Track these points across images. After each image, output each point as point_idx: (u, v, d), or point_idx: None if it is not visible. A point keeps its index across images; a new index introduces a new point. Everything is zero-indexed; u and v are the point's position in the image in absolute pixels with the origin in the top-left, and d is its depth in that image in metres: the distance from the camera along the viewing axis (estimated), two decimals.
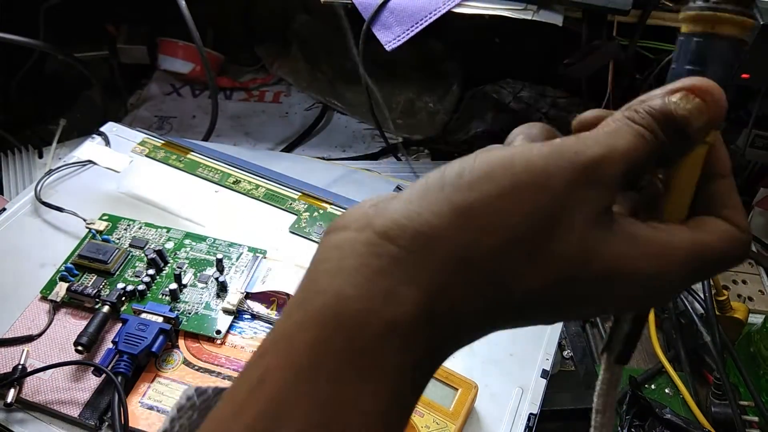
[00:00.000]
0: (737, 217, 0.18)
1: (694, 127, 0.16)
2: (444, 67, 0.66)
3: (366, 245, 0.15)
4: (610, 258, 0.16)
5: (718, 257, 0.17)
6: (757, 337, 0.45)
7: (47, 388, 0.37)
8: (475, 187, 0.15)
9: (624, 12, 0.48)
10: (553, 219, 0.15)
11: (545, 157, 0.15)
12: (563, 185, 0.15)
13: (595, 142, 0.16)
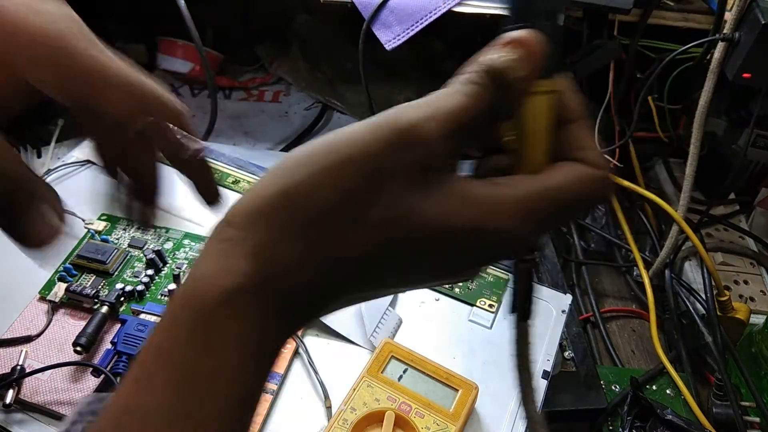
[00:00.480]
0: (589, 155, 0.18)
1: (515, 77, 0.17)
2: (444, 67, 0.66)
3: (216, 233, 0.17)
4: (432, 214, 0.16)
5: (570, 197, 0.18)
6: (758, 338, 0.45)
7: (46, 389, 0.37)
8: (300, 168, 0.16)
9: (625, 11, 0.48)
10: (372, 185, 0.16)
11: (368, 129, 0.17)
12: (380, 151, 0.16)
13: (419, 105, 0.17)
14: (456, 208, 0.17)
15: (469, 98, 0.17)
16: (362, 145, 0.16)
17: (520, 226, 0.17)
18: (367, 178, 0.16)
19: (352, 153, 0.16)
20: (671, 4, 0.52)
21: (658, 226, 0.57)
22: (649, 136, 0.55)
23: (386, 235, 0.16)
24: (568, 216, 0.19)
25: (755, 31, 0.41)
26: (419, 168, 0.16)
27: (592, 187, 0.18)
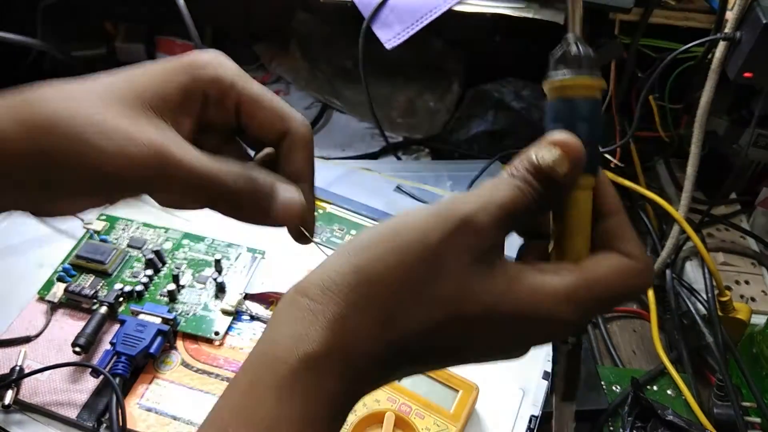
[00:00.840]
0: (629, 247, 0.20)
1: (559, 174, 0.19)
2: (444, 66, 0.66)
3: (290, 302, 0.19)
4: (487, 296, 0.19)
5: (613, 288, 0.19)
6: (759, 338, 0.45)
7: (45, 390, 0.37)
8: (371, 249, 0.19)
9: (626, 10, 0.48)
10: (432, 267, 0.18)
11: (426, 218, 0.19)
12: (438, 238, 0.18)
13: (472, 197, 0.19)
14: (505, 292, 0.19)
15: (518, 192, 0.19)
16: (424, 231, 0.19)
17: (565, 313, 0.19)
18: (427, 262, 0.18)
19: (415, 238, 0.19)
20: (672, 3, 0.51)
21: (659, 225, 0.57)
22: (650, 136, 0.55)
23: (444, 312, 0.18)
24: (611, 304, 0.20)
25: (756, 31, 0.41)
26: (473, 254, 0.19)
27: (634, 279, 0.20)
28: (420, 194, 0.52)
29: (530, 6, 0.50)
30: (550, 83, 0.20)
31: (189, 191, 0.21)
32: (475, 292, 0.19)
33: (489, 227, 0.19)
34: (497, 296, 0.19)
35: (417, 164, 0.61)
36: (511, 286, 0.19)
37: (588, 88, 0.20)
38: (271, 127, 0.24)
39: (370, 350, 0.18)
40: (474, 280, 0.18)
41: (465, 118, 0.63)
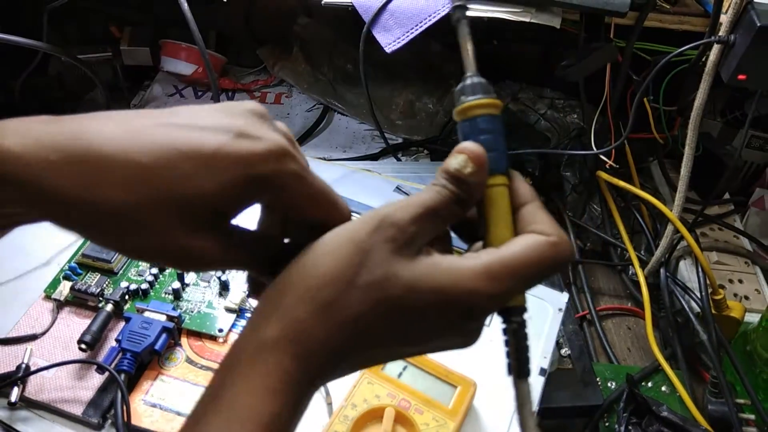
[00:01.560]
0: (542, 227, 0.22)
1: (465, 174, 0.22)
2: (443, 69, 0.67)
3: (255, 303, 0.23)
4: (408, 276, 0.21)
5: (528, 261, 0.22)
6: (753, 336, 0.46)
7: (51, 387, 0.37)
8: (314, 251, 0.22)
9: (621, 14, 0.49)
10: (360, 259, 0.21)
11: (356, 221, 0.22)
12: (364, 234, 0.22)
13: (396, 201, 0.22)
14: (424, 275, 0.21)
15: (435, 193, 0.22)
16: (353, 230, 0.22)
17: (482, 287, 0.21)
18: (355, 255, 0.21)
19: (346, 236, 0.22)
20: (667, 7, 0.52)
21: (654, 225, 0.58)
22: (644, 137, 0.56)
23: (373, 294, 0.21)
24: (531, 277, 0.22)
25: (750, 34, 0.42)
26: (394, 244, 0.21)
27: (548, 251, 0.22)
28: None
29: (527, 10, 0.50)
30: (455, 110, 0.24)
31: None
32: (397, 275, 0.21)
33: (407, 222, 0.22)
34: (417, 276, 0.21)
35: (416, 165, 0.62)
36: (431, 268, 0.21)
37: (483, 106, 0.24)
38: (319, 219, 0.24)
39: (317, 333, 0.21)
40: (397, 266, 0.21)
41: None
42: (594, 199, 0.59)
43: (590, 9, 0.49)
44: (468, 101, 0.24)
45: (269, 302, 0.22)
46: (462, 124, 0.24)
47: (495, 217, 0.23)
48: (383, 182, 0.54)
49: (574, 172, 0.60)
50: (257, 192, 0.22)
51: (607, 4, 0.48)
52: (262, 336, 0.21)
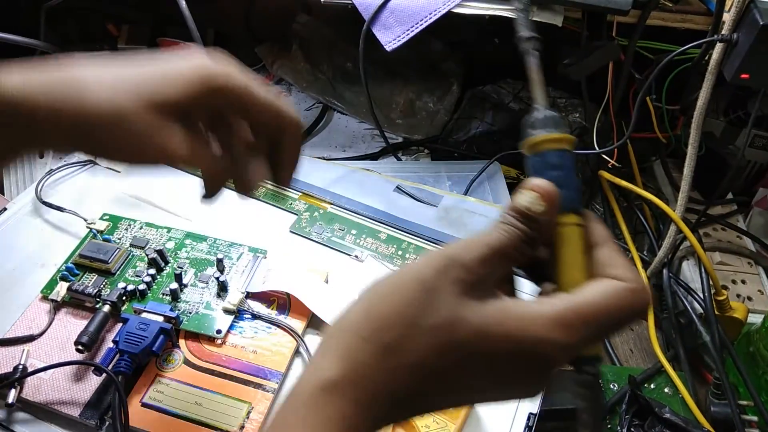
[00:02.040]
0: (619, 272, 0.21)
1: (536, 212, 0.22)
2: (444, 68, 0.67)
3: (318, 343, 0.23)
4: (476, 320, 0.20)
5: (604, 309, 0.21)
6: (756, 337, 0.45)
7: (48, 388, 0.37)
8: (377, 291, 0.22)
9: (623, 12, 0.48)
10: (426, 300, 0.21)
11: (422, 261, 0.22)
12: (430, 275, 0.21)
13: (463, 241, 0.22)
14: (494, 320, 0.21)
15: (503, 232, 0.22)
16: (419, 270, 0.21)
17: (554, 336, 0.20)
18: (422, 296, 0.21)
19: (412, 277, 0.21)
20: (670, 5, 0.52)
21: (656, 225, 0.57)
22: (647, 137, 0.56)
23: (439, 337, 0.20)
24: (606, 326, 0.21)
25: (754, 32, 0.41)
26: (462, 286, 0.21)
27: (625, 298, 0.21)
28: (419, 194, 0.53)
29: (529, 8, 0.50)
30: (525, 143, 0.23)
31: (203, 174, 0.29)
32: (466, 318, 0.20)
33: (475, 263, 0.21)
34: (487, 321, 0.20)
35: (416, 165, 0.61)
36: (500, 313, 0.21)
37: (555, 141, 0.23)
38: (270, 125, 0.29)
39: (379, 377, 0.20)
40: (465, 308, 0.21)
41: (464, 119, 0.63)
42: (596, 199, 0.59)
43: (592, 7, 0.49)
44: (539, 135, 0.23)
45: (332, 341, 0.21)
46: (532, 158, 0.23)
47: (568, 258, 0.22)
48: (383, 182, 0.53)
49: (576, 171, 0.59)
50: (212, 96, 0.27)
51: (610, 2, 0.48)
52: (324, 377, 0.20)
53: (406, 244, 0.47)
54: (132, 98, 0.26)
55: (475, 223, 0.49)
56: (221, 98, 0.27)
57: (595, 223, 0.23)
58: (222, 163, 0.29)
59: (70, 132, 0.25)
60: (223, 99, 0.27)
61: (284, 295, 0.42)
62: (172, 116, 0.26)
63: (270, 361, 0.39)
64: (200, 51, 0.28)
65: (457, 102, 0.65)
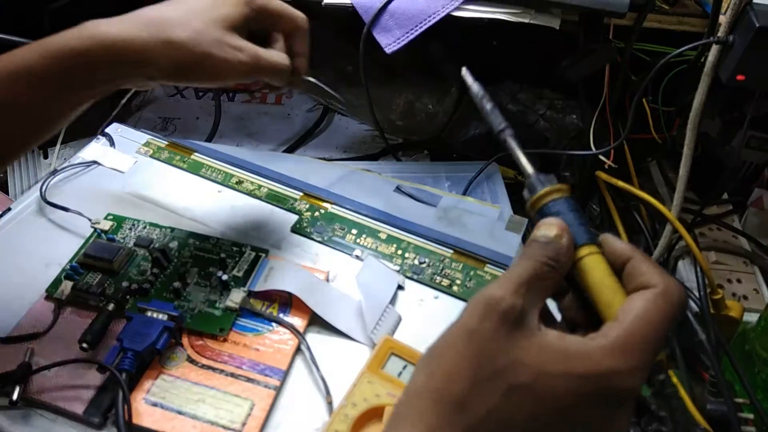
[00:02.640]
0: (652, 278, 0.22)
1: (552, 237, 0.23)
2: (443, 70, 0.67)
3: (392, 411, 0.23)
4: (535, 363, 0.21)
5: (652, 320, 0.21)
6: (752, 335, 0.46)
7: (52, 386, 0.37)
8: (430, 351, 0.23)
9: (620, 15, 0.49)
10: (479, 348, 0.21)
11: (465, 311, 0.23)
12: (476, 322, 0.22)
13: (494, 281, 0.23)
14: (552, 358, 0.21)
15: (526, 261, 0.23)
16: (463, 322, 0.22)
17: (623, 364, 0.20)
18: (472, 343, 0.21)
19: (459, 329, 0.22)
20: (666, 7, 0.52)
21: (652, 225, 0.58)
22: (643, 138, 0.56)
23: (501, 385, 0.21)
24: (659, 336, 0.21)
25: (749, 34, 0.42)
26: (506, 324, 0.21)
27: (666, 302, 0.21)
28: (419, 195, 0.53)
29: (526, 11, 0.51)
30: (527, 209, 0.26)
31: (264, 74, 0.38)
32: (522, 361, 0.21)
33: (510, 296, 0.22)
34: (544, 359, 0.21)
35: (416, 165, 0.62)
36: (557, 351, 0.21)
37: (550, 193, 0.25)
38: (288, 26, 0.41)
39: None
40: (518, 350, 0.21)
41: (463, 120, 0.64)
42: (593, 199, 0.60)
43: (589, 10, 0.49)
44: (534, 195, 0.25)
45: (403, 409, 0.22)
46: (536, 217, 0.25)
47: (597, 284, 0.23)
48: (383, 182, 0.54)
49: (573, 172, 0.60)
50: (252, 10, 0.38)
51: (607, 4, 0.49)
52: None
53: (406, 243, 0.47)
54: (206, 22, 0.35)
55: (473, 223, 0.49)
56: (258, 10, 0.38)
57: (615, 241, 0.24)
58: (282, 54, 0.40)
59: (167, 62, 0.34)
60: (259, 10, 0.38)
61: (286, 294, 0.42)
62: (235, 30, 0.36)
63: (272, 358, 0.39)
64: None
65: (456, 103, 0.66)
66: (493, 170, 0.58)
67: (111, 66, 0.33)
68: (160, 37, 0.33)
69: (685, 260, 0.53)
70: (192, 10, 0.35)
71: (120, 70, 0.34)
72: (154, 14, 0.35)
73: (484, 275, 0.45)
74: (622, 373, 0.20)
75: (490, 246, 0.47)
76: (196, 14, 0.35)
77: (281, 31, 0.41)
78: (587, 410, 0.21)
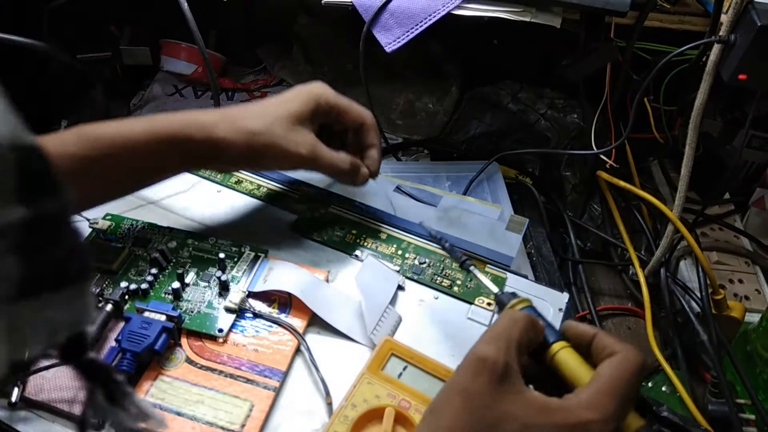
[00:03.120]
0: (611, 348, 0.27)
1: (526, 302, 0.31)
2: (443, 69, 0.67)
3: None
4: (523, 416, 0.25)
5: (619, 377, 0.26)
6: (753, 336, 0.46)
7: (50, 387, 0.37)
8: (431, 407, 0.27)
9: (621, 14, 0.49)
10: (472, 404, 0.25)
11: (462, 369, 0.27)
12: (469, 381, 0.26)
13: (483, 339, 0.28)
14: (538, 413, 0.25)
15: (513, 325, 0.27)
16: (458, 381, 0.27)
17: (595, 415, 0.25)
18: (466, 400, 0.25)
19: (454, 387, 0.27)
20: (667, 6, 0.52)
21: (654, 225, 0.58)
22: (645, 137, 0.56)
23: None
24: (627, 390, 0.26)
25: (751, 33, 0.42)
26: (494, 380, 0.25)
27: (625, 363, 0.26)
28: (419, 195, 0.53)
29: (527, 10, 0.50)
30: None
31: (323, 170, 0.44)
32: (513, 414, 0.25)
33: (498, 355, 0.26)
34: (532, 414, 0.25)
35: (416, 165, 0.62)
36: (542, 407, 0.25)
37: (519, 303, 0.31)
38: (355, 121, 0.45)
39: None
40: (507, 404, 0.25)
41: (463, 119, 0.64)
42: (594, 199, 0.60)
43: (590, 9, 0.49)
44: (507, 306, 0.31)
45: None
46: None
47: (573, 370, 0.28)
48: (383, 182, 0.53)
49: (575, 171, 0.60)
50: (320, 106, 0.43)
51: (608, 3, 0.48)
52: None
53: (406, 244, 0.47)
54: (277, 116, 0.42)
55: (474, 223, 0.49)
56: (325, 107, 0.43)
57: (578, 326, 0.29)
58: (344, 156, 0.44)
59: (244, 154, 0.41)
60: (326, 107, 0.43)
61: (285, 295, 0.42)
62: (302, 124, 0.42)
63: (271, 359, 0.39)
64: (309, 83, 0.45)
65: (457, 103, 0.65)
66: (493, 169, 0.58)
67: (200, 147, 0.40)
68: (238, 126, 0.41)
69: (687, 260, 0.53)
70: (266, 106, 0.42)
71: (205, 152, 0.40)
72: (238, 111, 0.42)
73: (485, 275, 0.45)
74: (597, 422, 0.24)
75: (491, 246, 0.46)
76: (269, 110, 0.42)
77: (349, 127, 0.45)
78: None
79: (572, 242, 0.56)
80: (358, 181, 0.45)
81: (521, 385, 0.26)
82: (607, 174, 0.56)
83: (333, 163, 0.43)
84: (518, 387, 0.26)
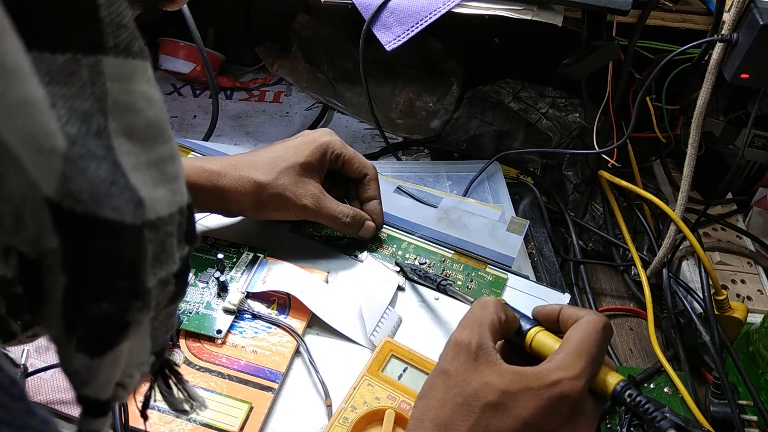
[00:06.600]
0: (575, 315, 0.30)
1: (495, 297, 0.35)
2: (444, 67, 0.66)
3: None
4: (499, 384, 0.27)
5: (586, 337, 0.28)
6: (756, 337, 0.45)
7: (48, 388, 0.37)
8: (420, 392, 0.30)
9: (623, 12, 0.48)
10: (452, 381, 0.28)
11: (443, 354, 0.30)
12: (448, 362, 0.29)
13: (460, 325, 0.31)
14: (513, 380, 0.27)
15: (484, 311, 0.30)
16: (441, 365, 0.29)
17: (564, 374, 0.27)
18: (447, 378, 0.28)
19: (437, 370, 0.30)
20: (670, 5, 0.52)
21: (656, 225, 0.57)
22: (647, 137, 0.56)
23: (476, 405, 0.27)
24: (592, 349, 0.28)
25: (753, 32, 0.41)
26: (472, 357, 0.28)
27: (588, 325, 0.29)
28: (420, 195, 0.53)
29: (528, 8, 0.50)
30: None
31: (326, 222, 0.44)
32: (489, 383, 0.27)
33: (472, 336, 0.29)
34: (507, 381, 0.27)
35: (417, 164, 0.61)
36: (517, 374, 0.27)
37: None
38: (358, 172, 0.46)
39: None
40: (484, 375, 0.28)
41: (464, 119, 0.63)
42: (596, 199, 0.59)
43: (592, 7, 0.49)
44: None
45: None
46: None
47: (551, 347, 0.30)
48: (383, 182, 0.53)
49: (576, 171, 0.59)
50: (326, 154, 0.44)
51: (610, 2, 0.48)
52: None
53: (406, 244, 0.47)
54: (285, 167, 0.43)
55: (474, 224, 0.49)
56: (333, 157, 0.45)
57: (544, 307, 0.32)
58: (346, 210, 0.45)
59: (250, 205, 0.43)
60: (334, 157, 0.45)
61: (284, 295, 0.42)
62: (308, 173, 0.43)
63: (270, 361, 0.39)
64: (317, 130, 0.46)
65: (457, 102, 0.65)
66: (494, 169, 0.58)
67: (206, 195, 0.41)
68: (245, 176, 0.42)
69: (689, 260, 0.53)
70: (275, 154, 0.43)
71: (211, 199, 0.42)
72: (246, 159, 0.43)
73: (485, 276, 0.45)
74: (567, 380, 0.27)
75: (492, 247, 0.46)
76: (277, 160, 0.43)
77: (352, 177, 0.46)
78: (547, 417, 0.27)
79: (574, 242, 0.56)
80: (363, 234, 0.45)
81: (497, 359, 0.28)
82: (609, 173, 0.56)
83: (335, 217, 0.44)
84: (493, 361, 0.28)
